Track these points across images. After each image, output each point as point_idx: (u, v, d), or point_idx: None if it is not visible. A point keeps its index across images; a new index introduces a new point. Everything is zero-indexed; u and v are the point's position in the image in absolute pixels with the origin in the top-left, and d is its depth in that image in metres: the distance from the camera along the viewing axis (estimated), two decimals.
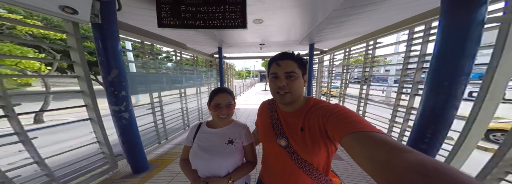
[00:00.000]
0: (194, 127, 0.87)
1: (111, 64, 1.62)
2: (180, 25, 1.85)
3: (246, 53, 6.76)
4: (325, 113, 0.55)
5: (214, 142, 0.79)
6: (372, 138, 0.38)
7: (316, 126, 0.57)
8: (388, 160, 0.31)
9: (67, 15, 1.27)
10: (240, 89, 12.31)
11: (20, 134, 1.21)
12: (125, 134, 1.88)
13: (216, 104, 0.78)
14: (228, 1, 1.81)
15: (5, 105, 1.13)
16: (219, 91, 0.81)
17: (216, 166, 0.75)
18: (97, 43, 1.56)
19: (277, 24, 2.87)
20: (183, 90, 3.58)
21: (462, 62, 1.05)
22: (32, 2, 1.10)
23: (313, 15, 2.38)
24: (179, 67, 3.58)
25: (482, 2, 0.98)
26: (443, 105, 1.14)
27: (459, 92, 1.09)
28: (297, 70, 0.59)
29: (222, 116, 0.79)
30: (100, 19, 1.50)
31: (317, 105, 0.61)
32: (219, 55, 5.40)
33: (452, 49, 1.07)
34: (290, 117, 0.65)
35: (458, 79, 1.08)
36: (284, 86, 0.60)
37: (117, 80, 1.68)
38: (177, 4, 1.81)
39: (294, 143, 0.61)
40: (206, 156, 0.75)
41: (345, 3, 1.86)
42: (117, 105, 1.73)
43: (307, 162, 0.60)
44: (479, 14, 0.99)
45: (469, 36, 1.01)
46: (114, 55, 1.64)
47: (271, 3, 2.08)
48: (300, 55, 0.63)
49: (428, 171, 0.25)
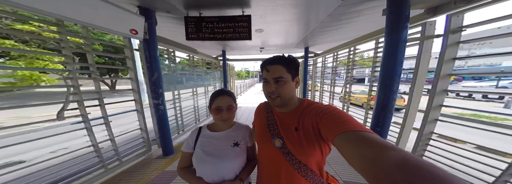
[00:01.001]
0: (194, 132, 0.84)
1: (153, 69, 2.19)
2: (202, 38, 2.42)
3: (247, 56, 7.35)
4: (318, 113, 0.57)
5: (219, 146, 0.78)
6: (361, 137, 0.39)
7: (310, 126, 0.58)
8: (376, 158, 0.32)
9: (132, 34, 1.84)
10: (241, 89, 12.88)
11: (105, 118, 1.77)
12: (160, 123, 2.43)
13: (217, 108, 0.76)
14: (237, 19, 2.38)
15: (99, 98, 1.69)
16: (219, 93, 0.78)
17: (224, 169, 0.75)
18: (145, 53, 2.13)
19: (275, 32, 3.47)
20: (195, 89, 4.15)
21: (396, 67, 1.62)
22: (113, 27, 1.66)
23: (306, 24, 2.97)
24: (192, 69, 4.15)
25: (404, 27, 1.57)
26: (387, 98, 1.69)
27: (395, 88, 1.66)
28: (285, 74, 0.61)
29: (223, 119, 0.77)
30: (147, 35, 2.06)
31: (311, 106, 0.64)
32: (223, 58, 5.98)
33: (390, 58, 1.65)
34: (285, 117, 0.67)
35: (394, 78, 1.64)
36: (273, 91, 0.62)
37: (157, 80, 2.25)
38: (199, 22, 2.37)
39: (288, 143, 0.62)
40: (213, 161, 0.74)
41: (331, 16, 2.43)
42: (156, 99, 2.29)
43: (302, 163, 0.61)
44: (403, 35, 1.58)
45: (398, 50, 1.59)
46: (156, 62, 2.20)
47: (270, 18, 2.68)
48: (291, 57, 0.64)
49: (410, 168, 0.27)
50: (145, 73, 2.24)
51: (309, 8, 2.28)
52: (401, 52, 1.60)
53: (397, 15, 1.57)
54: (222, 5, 2.19)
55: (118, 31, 1.70)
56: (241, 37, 2.45)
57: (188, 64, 4.14)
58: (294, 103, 0.67)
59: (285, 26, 3.10)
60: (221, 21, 2.39)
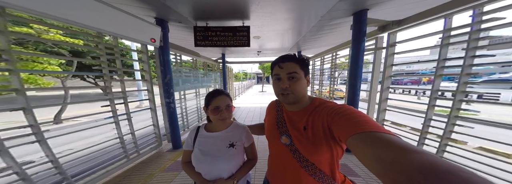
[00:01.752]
0: (193, 131, 0.85)
1: (166, 71, 2.53)
2: (208, 45, 2.79)
3: (245, 58, 7.75)
4: (330, 113, 0.55)
5: (215, 146, 0.79)
6: (378, 138, 0.37)
7: (320, 126, 0.57)
8: (396, 160, 0.30)
9: (151, 42, 2.19)
10: (239, 91, 13.23)
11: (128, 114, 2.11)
12: (171, 119, 2.76)
13: (215, 108, 0.77)
14: (238, 29, 2.78)
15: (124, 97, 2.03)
16: (216, 93, 0.79)
17: (219, 169, 0.77)
18: (159, 58, 2.47)
19: (271, 38, 3.89)
20: (198, 89, 4.49)
21: (358, 70, 2.11)
22: (138, 36, 2.01)
23: (297, 33, 3.42)
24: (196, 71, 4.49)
25: (363, 40, 2.03)
26: (353, 94, 2.19)
27: (358, 86, 2.15)
28: (299, 70, 0.61)
29: (221, 119, 0.78)
30: (162, 42, 2.41)
31: (323, 105, 0.62)
32: (223, 60, 6.35)
33: (354, 63, 2.12)
34: (294, 116, 0.67)
35: (357, 79, 2.13)
36: (287, 88, 0.61)
37: (169, 81, 2.59)
38: (206, 31, 2.75)
39: (296, 141, 0.62)
40: (209, 160, 0.76)
41: (315, 27, 2.88)
42: (168, 98, 2.63)
43: (309, 161, 0.60)
44: (362, 46, 2.04)
45: (359, 57, 2.06)
46: (168, 66, 2.55)
47: (266, 28, 3.09)
48: (302, 56, 0.65)
49: (440, 173, 0.24)
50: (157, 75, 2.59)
51: (298, 21, 2.71)
52: (361, 59, 2.09)
53: (358, 30, 2.04)
54: (225, 17, 2.57)
55: (141, 39, 2.06)
56: (241, 44, 2.84)
57: (192, 67, 4.48)
58: (305, 101, 0.66)
59: (279, 34, 3.52)
60: (224, 31, 2.78)
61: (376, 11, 2.16)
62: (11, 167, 1.18)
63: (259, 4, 2.14)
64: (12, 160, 1.19)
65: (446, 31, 1.70)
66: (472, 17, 1.49)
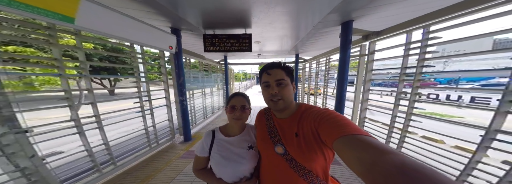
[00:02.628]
0: (208, 136, 0.84)
1: (180, 74, 2.95)
2: (216, 50, 3.20)
3: (246, 60, 8.15)
4: (315, 117, 0.57)
5: (235, 150, 0.80)
6: (359, 141, 0.40)
7: (309, 131, 0.58)
8: (375, 162, 0.33)
9: (169, 49, 2.60)
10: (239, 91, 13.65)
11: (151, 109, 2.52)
12: (183, 115, 3.17)
13: (231, 106, 0.80)
14: (241, 36, 3.18)
15: (148, 95, 2.45)
16: (235, 94, 0.84)
17: (242, 171, 0.79)
18: (175, 62, 2.89)
19: (270, 42, 4.31)
20: (203, 89, 4.90)
21: (345, 73, 2.52)
22: (159, 45, 2.42)
23: (294, 38, 3.82)
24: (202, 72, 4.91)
25: (348, 47, 2.44)
26: (340, 92, 2.59)
27: (345, 86, 2.56)
28: (285, 77, 0.64)
29: (235, 118, 0.80)
30: (177, 49, 2.82)
31: (309, 110, 0.64)
32: (225, 62, 6.75)
33: (342, 67, 2.52)
34: (285, 123, 0.68)
35: (344, 81, 2.54)
36: (276, 93, 0.63)
37: (182, 82, 3.00)
38: (213, 38, 3.16)
39: (290, 150, 0.62)
40: (231, 164, 0.77)
41: (309, 33, 3.29)
42: (181, 97, 3.04)
43: (307, 169, 0.60)
44: (348, 53, 2.45)
45: (346, 62, 2.46)
46: (181, 69, 2.96)
47: (266, 34, 3.50)
48: (286, 64, 0.68)
49: (408, 171, 0.28)
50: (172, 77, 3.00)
51: (294, 28, 3.12)
52: (347, 64, 2.50)
53: (345, 38, 2.45)
54: (230, 26, 2.98)
55: (162, 47, 2.47)
56: (244, 50, 3.25)
57: (199, 69, 4.91)
58: (292, 107, 0.68)
59: (278, 38, 3.93)
60: (229, 38, 3.19)
61: (361, 22, 2.56)
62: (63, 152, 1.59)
63: (259, 16, 2.55)
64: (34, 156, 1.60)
65: (407, 44, 2.14)
66: (422, 34, 1.91)
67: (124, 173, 2.12)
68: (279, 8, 2.19)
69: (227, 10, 2.20)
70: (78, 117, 1.58)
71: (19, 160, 1.12)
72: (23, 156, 1.13)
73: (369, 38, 2.62)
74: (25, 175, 1.14)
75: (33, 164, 1.16)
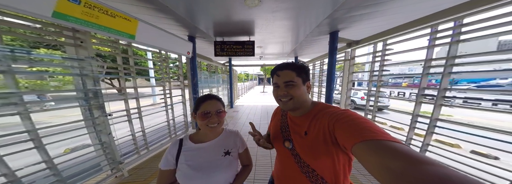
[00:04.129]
0: (174, 146, 0.74)
1: (194, 75, 3.48)
2: (224, 55, 3.74)
3: (249, 62, 8.69)
4: (332, 118, 0.54)
5: (207, 158, 0.73)
6: (387, 147, 0.36)
7: (321, 132, 0.57)
8: (406, 171, 0.29)
9: (187, 55, 3.14)
10: (242, 91, 14.18)
11: (171, 105, 3.06)
12: None
13: (204, 113, 0.70)
14: (246, 43, 3.71)
15: (170, 92, 2.99)
16: (207, 98, 0.74)
17: (216, 181, 0.71)
18: (190, 65, 3.42)
19: (271, 47, 4.84)
20: (210, 89, 5.44)
21: (332, 75, 3.03)
22: (180, 51, 2.96)
23: (292, 43, 4.34)
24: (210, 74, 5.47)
25: (335, 53, 2.95)
26: (330, 91, 3.11)
27: (332, 85, 3.08)
28: (295, 78, 0.63)
29: (211, 125, 0.70)
30: (193, 53, 3.36)
31: (325, 109, 0.62)
32: (229, 64, 7.29)
33: (330, 70, 3.03)
34: (298, 120, 0.68)
35: (332, 82, 3.05)
36: (284, 94, 0.63)
37: (196, 82, 3.53)
38: (222, 45, 3.69)
39: (297, 146, 0.64)
40: (203, 175, 0.69)
41: (305, 40, 3.81)
42: (195, 94, 3.58)
43: (310, 167, 0.60)
44: (334, 59, 2.97)
45: (333, 67, 2.98)
46: (195, 71, 3.50)
47: (267, 41, 4.03)
48: (300, 63, 0.66)
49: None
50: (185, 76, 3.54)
51: (292, 36, 3.64)
52: (334, 68, 3.01)
53: (332, 45, 2.96)
54: (236, 34, 3.51)
55: (182, 53, 3.02)
56: (248, 54, 3.78)
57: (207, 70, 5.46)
58: (307, 106, 0.67)
59: (279, 43, 4.46)
60: (235, 44, 3.72)
61: (345, 32, 3.08)
62: (105, 142, 2.13)
63: (261, 28, 3.07)
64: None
65: (373, 53, 2.68)
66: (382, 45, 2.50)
67: (154, 156, 2.64)
68: (277, 22, 2.71)
69: (234, 21, 2.73)
70: (129, 107, 2.12)
71: (102, 136, 1.64)
72: (105, 133, 1.65)
73: (351, 46, 3.15)
74: (103, 147, 1.66)
75: (109, 139, 1.69)
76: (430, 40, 1.97)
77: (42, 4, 1.03)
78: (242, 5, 2.05)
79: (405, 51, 2.22)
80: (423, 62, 2.01)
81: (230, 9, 2.20)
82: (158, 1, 1.81)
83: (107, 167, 1.74)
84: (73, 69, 1.44)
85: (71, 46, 1.45)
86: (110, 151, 1.73)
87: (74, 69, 1.44)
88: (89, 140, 1.69)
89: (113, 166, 1.80)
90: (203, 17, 2.51)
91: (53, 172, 1.21)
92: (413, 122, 2.13)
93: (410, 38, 2.23)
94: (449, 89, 1.83)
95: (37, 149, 1.16)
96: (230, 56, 3.75)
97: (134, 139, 2.27)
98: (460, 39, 1.72)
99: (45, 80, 4.84)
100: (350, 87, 3.37)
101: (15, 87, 1.01)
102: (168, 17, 2.37)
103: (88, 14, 1.32)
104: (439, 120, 1.88)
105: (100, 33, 1.55)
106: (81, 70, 1.47)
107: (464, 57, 1.80)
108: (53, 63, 1.49)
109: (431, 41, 1.96)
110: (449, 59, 1.79)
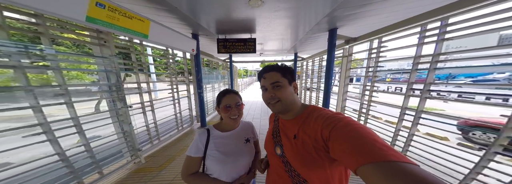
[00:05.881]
0: (203, 134, 0.81)
1: (198, 71, 3.65)
2: (227, 52, 3.89)
3: (249, 58, 8.81)
4: (327, 125, 0.50)
5: (235, 145, 0.82)
6: (405, 174, 0.31)
7: (312, 136, 0.54)
8: None
9: (192, 52, 3.29)
10: (241, 87, 14.37)
11: (178, 99, 3.25)
12: (201, 104, 3.90)
13: (226, 106, 0.78)
14: (247, 40, 3.85)
15: (176, 87, 3.17)
16: (226, 92, 0.81)
17: (243, 165, 0.81)
18: (195, 62, 3.59)
19: (271, 43, 4.98)
20: (212, 84, 5.62)
21: (330, 71, 3.20)
22: (185, 48, 3.11)
23: (291, 40, 4.48)
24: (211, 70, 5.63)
25: (333, 50, 3.12)
26: (328, 87, 3.29)
27: (330, 82, 3.27)
28: (281, 79, 0.63)
29: (233, 116, 0.79)
30: (197, 50, 3.52)
31: (315, 112, 0.60)
32: (230, 60, 7.42)
33: (328, 67, 3.20)
34: (288, 124, 0.66)
35: (330, 77, 3.23)
36: (272, 96, 0.63)
37: (200, 78, 3.71)
38: (225, 42, 3.83)
39: (287, 152, 0.61)
40: (232, 159, 0.78)
41: (304, 37, 3.96)
42: (199, 89, 3.77)
43: (301, 177, 0.57)
44: (333, 55, 3.13)
45: (331, 63, 3.15)
46: (200, 67, 3.66)
47: (268, 38, 4.16)
48: (284, 65, 0.66)
49: None
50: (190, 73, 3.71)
51: (292, 33, 3.78)
52: (332, 62, 3.19)
53: (331, 42, 3.12)
54: (238, 32, 3.65)
55: (187, 50, 3.17)
56: (249, 51, 3.94)
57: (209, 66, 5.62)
58: (297, 109, 0.66)
59: (278, 40, 4.60)
60: (237, 42, 3.86)
61: (343, 29, 3.22)
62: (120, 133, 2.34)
63: (263, 25, 3.21)
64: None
65: (369, 50, 2.84)
66: (378, 42, 2.68)
67: (165, 146, 2.87)
68: (278, 21, 2.86)
69: (237, 20, 2.86)
70: (143, 100, 2.32)
71: (124, 125, 1.84)
72: (126, 123, 1.86)
73: (349, 42, 3.31)
74: (124, 136, 1.88)
75: (130, 129, 1.89)
76: (420, 38, 2.14)
77: (78, 10, 1.20)
78: (246, 6, 2.19)
79: (399, 48, 2.39)
80: (413, 59, 2.20)
81: (234, 9, 2.34)
82: (168, 2, 1.96)
83: (127, 154, 1.96)
84: (99, 67, 1.63)
85: (96, 45, 1.62)
86: (130, 139, 1.94)
87: (101, 66, 1.62)
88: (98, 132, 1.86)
89: (132, 153, 2.02)
90: (208, 16, 2.65)
91: (89, 155, 1.43)
92: (402, 114, 2.35)
93: (402, 36, 2.39)
94: (434, 84, 2.03)
95: (79, 134, 1.37)
96: (232, 53, 3.90)
97: (148, 130, 2.48)
98: (445, 37, 1.90)
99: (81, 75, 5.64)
100: (347, 82, 3.55)
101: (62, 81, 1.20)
102: (174, 16, 2.51)
103: (111, 17, 1.48)
104: (423, 112, 2.09)
105: (120, 34, 1.72)
106: (105, 67, 1.65)
107: (447, 54, 1.98)
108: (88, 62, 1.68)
109: (420, 39, 2.14)
110: (435, 56, 1.97)
